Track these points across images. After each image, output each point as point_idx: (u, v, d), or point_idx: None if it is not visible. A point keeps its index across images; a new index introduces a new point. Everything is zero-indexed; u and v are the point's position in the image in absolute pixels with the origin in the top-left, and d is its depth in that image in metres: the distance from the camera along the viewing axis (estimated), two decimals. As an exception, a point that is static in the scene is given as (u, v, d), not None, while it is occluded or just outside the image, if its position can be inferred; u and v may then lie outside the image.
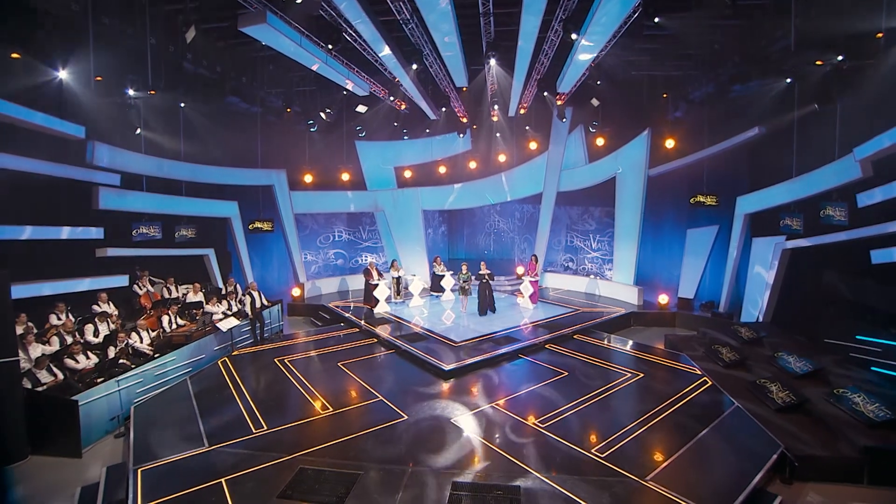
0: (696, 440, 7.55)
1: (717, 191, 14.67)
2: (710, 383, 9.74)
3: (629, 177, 16.48)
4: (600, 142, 17.05)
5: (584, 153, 17.72)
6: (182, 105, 14.12)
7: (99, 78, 11.47)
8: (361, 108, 16.55)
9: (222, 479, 6.62)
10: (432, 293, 17.26)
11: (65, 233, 11.49)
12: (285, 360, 11.36)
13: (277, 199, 17.45)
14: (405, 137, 19.44)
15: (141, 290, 12.49)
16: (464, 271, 14.42)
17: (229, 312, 12.56)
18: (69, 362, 9.07)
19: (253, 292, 13.06)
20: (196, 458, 7.23)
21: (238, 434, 7.91)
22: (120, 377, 9.15)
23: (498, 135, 19.07)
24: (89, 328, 10.18)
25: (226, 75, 13.98)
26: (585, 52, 11.90)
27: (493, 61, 13.37)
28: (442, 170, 20.19)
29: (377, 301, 15.50)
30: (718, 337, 12.08)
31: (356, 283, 17.79)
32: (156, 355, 10.25)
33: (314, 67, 12.67)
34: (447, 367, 10.33)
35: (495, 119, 18.38)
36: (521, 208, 20.63)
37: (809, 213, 11.64)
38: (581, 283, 17.84)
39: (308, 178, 18.09)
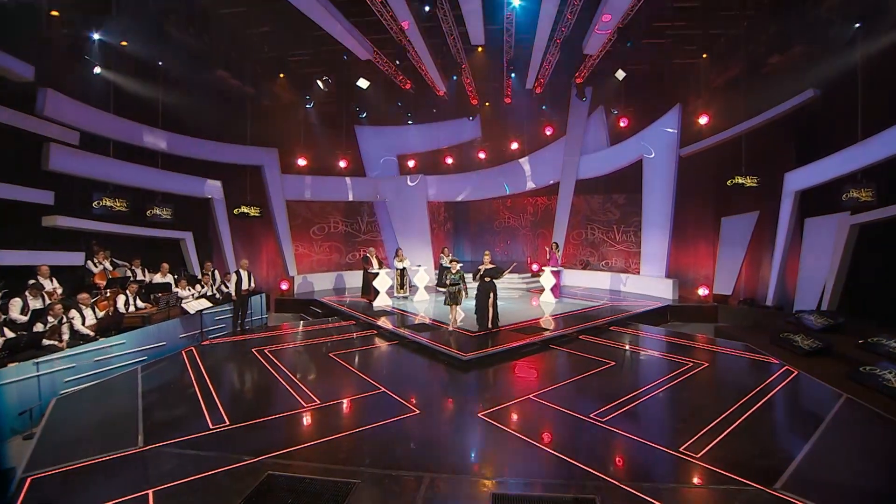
0: (817, 438, 5.36)
1: (758, 170, 12.76)
2: (795, 373, 7.58)
3: (658, 159, 14.57)
4: (624, 122, 15.23)
5: (606, 136, 15.86)
6: (160, 64, 12.20)
7: (55, 13, 9.55)
8: (363, 83, 14.69)
9: (150, 490, 4.36)
10: (439, 289, 15.07)
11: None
12: (265, 351, 9.10)
13: (267, 181, 15.37)
14: (409, 122, 17.58)
15: (96, 267, 10.26)
16: (453, 270, 9.94)
17: (199, 294, 10.34)
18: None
19: (242, 271, 10.83)
20: (120, 462, 4.96)
21: (188, 431, 5.65)
22: (41, 359, 6.90)
23: (511, 118, 17.21)
24: (15, 304, 7.93)
25: (215, 47, 12.20)
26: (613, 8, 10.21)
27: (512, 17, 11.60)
28: (449, 159, 18.30)
29: (377, 293, 13.29)
30: (783, 327, 9.97)
31: (354, 279, 15.65)
32: (98, 338, 8.00)
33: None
34: (466, 357, 8.12)
35: (508, 101, 16.59)
36: (533, 202, 18.67)
37: (883, 180, 9.70)
38: (604, 279, 15.73)
39: (302, 162, 16.09)
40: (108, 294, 9.59)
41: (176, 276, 11.50)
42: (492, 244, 19.86)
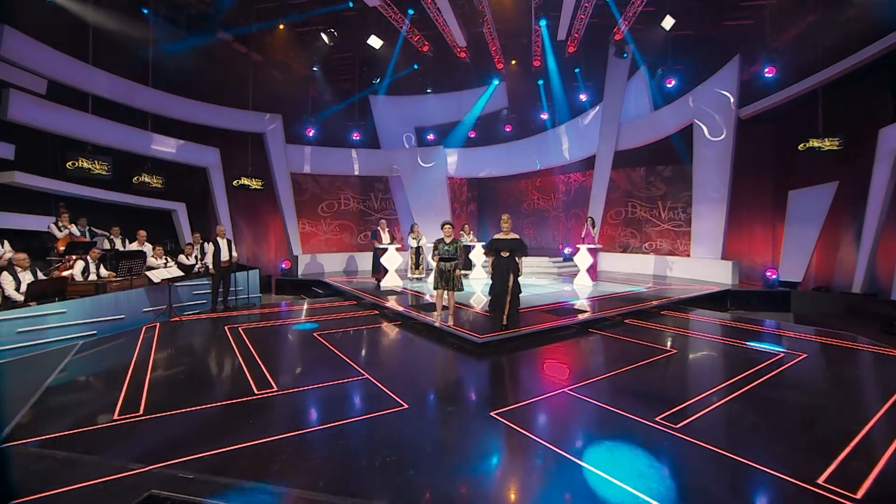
0: None
1: (840, 129, 10.34)
2: (938, 370, 5.33)
3: (712, 122, 12.22)
4: (671, 81, 12.94)
5: (649, 99, 13.59)
6: (146, 11, 10.74)
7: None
8: (375, 42, 12.93)
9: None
10: (462, 272, 13.11)
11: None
12: (239, 329, 7.39)
13: (270, 151, 13.77)
14: (429, 91, 15.73)
15: (60, 231, 8.80)
16: (446, 238, 6.92)
17: (173, 264, 8.75)
18: None
19: (220, 240, 9.19)
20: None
21: (79, 424, 3.92)
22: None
23: (541, 82, 15.11)
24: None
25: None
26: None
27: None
28: (472, 131, 16.35)
29: (385, 271, 11.49)
30: (890, 315, 7.62)
31: (367, 262, 13.84)
32: (30, 304, 6.44)
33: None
34: (481, 340, 6.18)
35: (538, 64, 14.53)
36: (566, 179, 16.50)
37: None
38: (646, 263, 13.47)
39: (309, 132, 14.43)
40: (71, 261, 8.09)
41: (164, 248, 10.01)
42: (519, 228, 17.77)
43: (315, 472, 3.15)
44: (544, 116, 15.57)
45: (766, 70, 11.22)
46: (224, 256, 9.07)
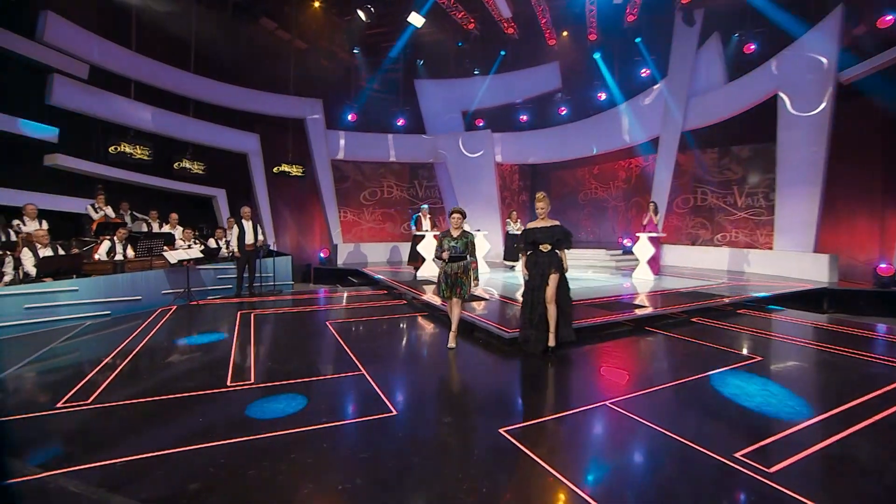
0: None
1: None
2: None
3: (803, 90, 10.21)
4: (751, 47, 11.02)
5: (723, 70, 11.70)
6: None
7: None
8: (416, 20, 12.08)
9: None
10: (505, 262, 12.05)
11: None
12: (252, 315, 6.79)
13: (310, 137, 13.33)
14: (476, 73, 14.68)
15: (96, 213, 8.70)
16: (453, 230, 5.04)
17: (197, 246, 8.36)
18: None
19: (245, 222, 8.71)
20: None
21: (19, 409, 3.34)
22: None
23: (597, 56, 13.57)
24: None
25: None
26: None
27: None
28: (524, 115, 15.11)
29: (423, 260, 10.62)
30: None
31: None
32: (45, 280, 6.16)
33: None
34: (509, 334, 5.09)
35: (593, 38, 13.04)
36: (626, 165, 14.82)
37: None
38: (719, 257, 11.60)
39: (351, 117, 13.87)
40: (99, 240, 7.92)
41: (197, 233, 9.76)
42: (575, 221, 16.28)
43: (229, 498, 2.27)
44: (601, 96, 14.01)
45: (882, 20, 9.13)
46: (249, 240, 8.57)
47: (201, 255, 7.93)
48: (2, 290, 5.78)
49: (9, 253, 6.40)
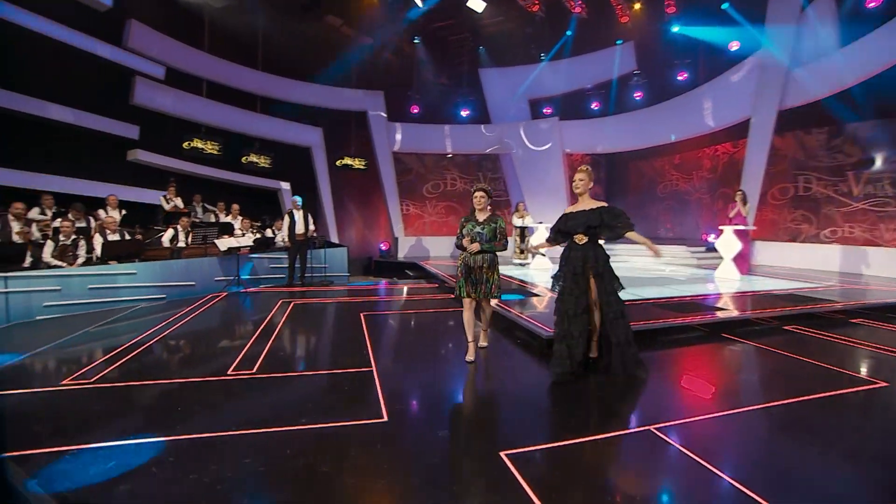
0: None
1: None
2: None
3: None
4: (877, 1, 9.06)
5: (835, 32, 9.76)
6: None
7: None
8: (477, 5, 11.49)
9: None
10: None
11: (83, 118, 8.66)
12: (291, 304, 6.65)
13: (372, 130, 13.25)
14: (542, 57, 13.76)
15: (167, 203, 9.17)
16: (478, 212, 4.06)
17: (250, 235, 8.47)
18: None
19: (295, 212, 8.70)
20: None
21: (30, 384, 3.29)
22: (10, 274, 5.46)
23: (677, 28, 12.05)
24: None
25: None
26: None
27: None
28: (595, 101, 13.93)
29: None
30: None
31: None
32: (109, 263, 6.47)
33: None
34: (547, 334, 4.37)
35: (672, 10, 11.59)
36: (711, 153, 13.10)
37: None
38: (828, 255, 9.72)
39: (413, 109, 13.62)
40: (165, 228, 8.32)
41: (258, 224, 10.03)
42: (655, 215, 14.80)
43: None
44: (682, 76, 12.44)
45: None
46: (299, 230, 8.53)
47: (251, 244, 8.01)
48: (71, 271, 6.15)
49: (82, 237, 6.82)
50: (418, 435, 2.64)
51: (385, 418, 2.80)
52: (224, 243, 7.42)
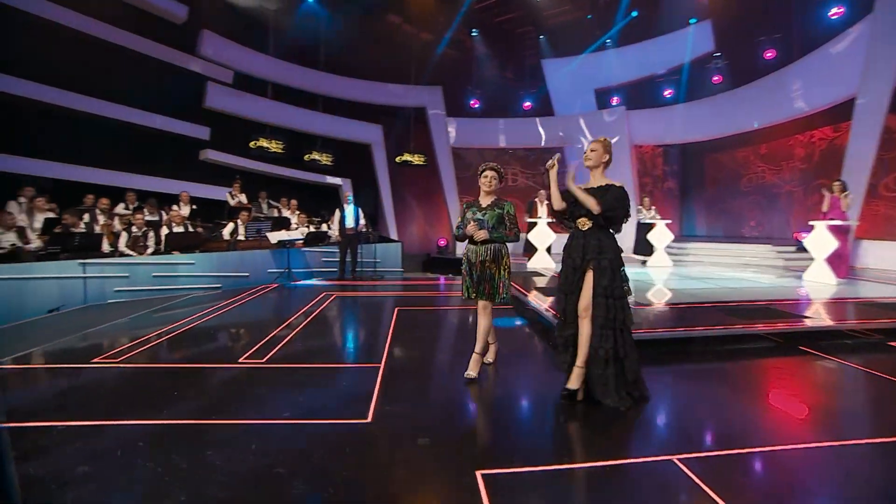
0: None
1: None
2: None
3: None
4: None
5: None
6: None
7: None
8: (538, -9, 10.94)
9: None
10: (634, 254, 10.28)
11: (163, 122, 9.39)
12: (332, 296, 6.68)
13: (431, 125, 13.15)
14: (608, 44, 12.84)
15: (232, 199, 9.69)
16: (484, 196, 3.43)
17: (304, 229, 8.67)
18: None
19: (346, 206, 8.78)
20: None
21: (57, 360, 3.50)
22: (88, 261, 5.99)
23: (764, 7, 10.60)
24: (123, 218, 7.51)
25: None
26: None
27: None
28: (668, 88, 12.75)
29: (535, 249, 9.60)
30: None
31: (561, 244, 11.60)
32: (175, 252, 6.92)
33: None
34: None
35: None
36: (806, 139, 11.42)
37: None
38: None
39: (473, 103, 13.33)
40: (226, 223, 8.79)
41: (300, 213, 10.34)
42: (737, 211, 13.26)
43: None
44: (769, 54, 10.92)
45: None
46: (349, 224, 8.60)
47: (301, 238, 8.21)
48: (138, 259, 6.64)
49: (152, 229, 7.35)
50: (396, 440, 2.37)
51: (369, 419, 2.57)
52: (275, 236, 7.66)
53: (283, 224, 9.19)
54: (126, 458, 2.15)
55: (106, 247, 6.71)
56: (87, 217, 7.27)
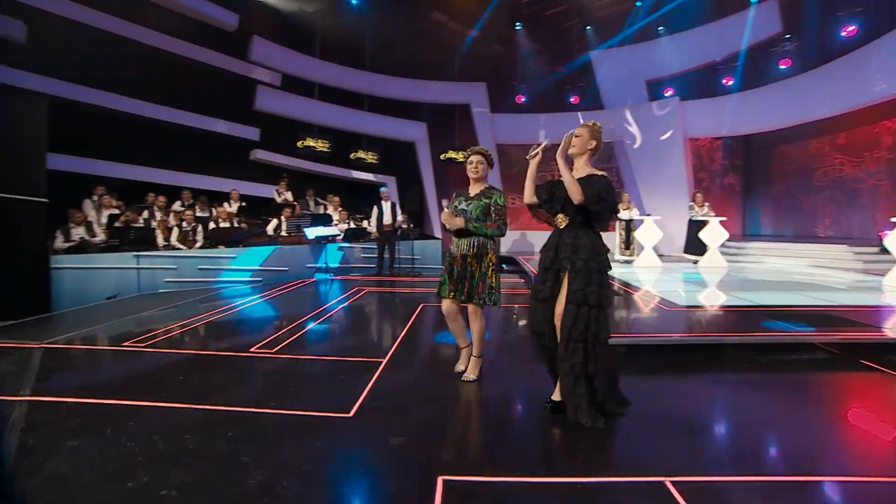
0: None
1: None
2: None
3: None
4: None
5: None
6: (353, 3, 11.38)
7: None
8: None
9: None
10: (685, 254, 9.62)
11: (216, 125, 9.96)
12: (361, 291, 6.76)
13: (475, 122, 12.97)
14: (660, 31, 12.03)
15: (279, 197, 10.08)
16: (473, 184, 3.16)
17: (343, 225, 8.84)
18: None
19: (383, 203, 8.86)
20: None
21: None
22: (142, 253, 6.47)
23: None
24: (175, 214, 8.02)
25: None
26: None
27: None
28: (727, 75, 11.75)
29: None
30: None
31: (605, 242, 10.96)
32: (221, 247, 7.34)
33: None
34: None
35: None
36: (893, 127, 10.09)
37: None
38: None
39: (518, 99, 13.03)
40: (270, 219, 9.17)
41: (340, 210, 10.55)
42: (811, 208, 12.00)
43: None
44: (849, 30, 9.71)
45: None
46: (386, 220, 8.67)
47: (337, 234, 8.38)
48: (186, 253, 7.08)
49: (200, 225, 7.81)
50: (369, 438, 2.30)
51: (350, 414, 2.51)
52: (312, 232, 7.87)
53: (323, 221, 9.45)
54: (114, 437, 2.24)
55: (160, 240, 7.23)
56: (146, 213, 7.88)
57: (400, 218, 8.94)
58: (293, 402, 2.68)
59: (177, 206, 8.95)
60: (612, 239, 9.94)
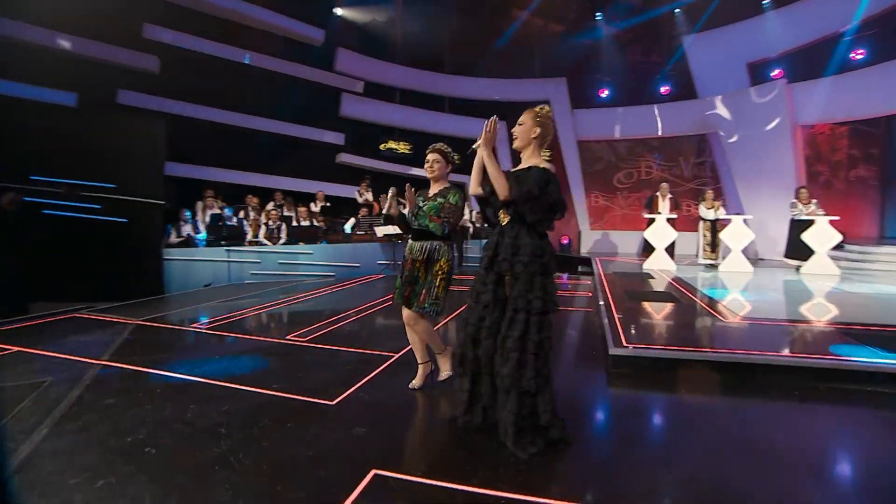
0: None
1: None
2: None
3: None
4: None
5: None
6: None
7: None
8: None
9: None
10: (786, 258, 8.40)
11: (306, 132, 10.93)
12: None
13: (554, 118, 12.50)
14: (765, 5, 10.47)
15: (360, 197, 10.76)
16: (433, 184, 3.09)
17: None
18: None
19: (451, 199, 9.01)
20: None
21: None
22: (232, 248, 7.46)
23: None
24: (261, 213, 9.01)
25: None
26: None
27: None
28: (855, 48, 9.87)
29: (651, 249, 8.57)
30: None
31: (686, 244, 9.48)
32: (301, 243, 8.13)
33: None
34: (616, 351, 3.41)
35: None
36: None
37: None
38: None
39: (601, 92, 12.34)
40: (347, 218, 9.86)
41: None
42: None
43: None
44: None
45: None
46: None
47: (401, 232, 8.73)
48: (268, 248, 7.94)
49: (284, 223, 8.68)
50: (334, 427, 2.44)
51: (333, 403, 2.70)
52: (381, 230, 8.32)
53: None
54: (138, 400, 2.69)
55: (250, 236, 8.21)
56: (241, 213, 8.99)
57: (467, 216, 9.05)
58: (292, 387, 2.94)
59: (270, 206, 10.07)
60: (695, 240, 9.03)
